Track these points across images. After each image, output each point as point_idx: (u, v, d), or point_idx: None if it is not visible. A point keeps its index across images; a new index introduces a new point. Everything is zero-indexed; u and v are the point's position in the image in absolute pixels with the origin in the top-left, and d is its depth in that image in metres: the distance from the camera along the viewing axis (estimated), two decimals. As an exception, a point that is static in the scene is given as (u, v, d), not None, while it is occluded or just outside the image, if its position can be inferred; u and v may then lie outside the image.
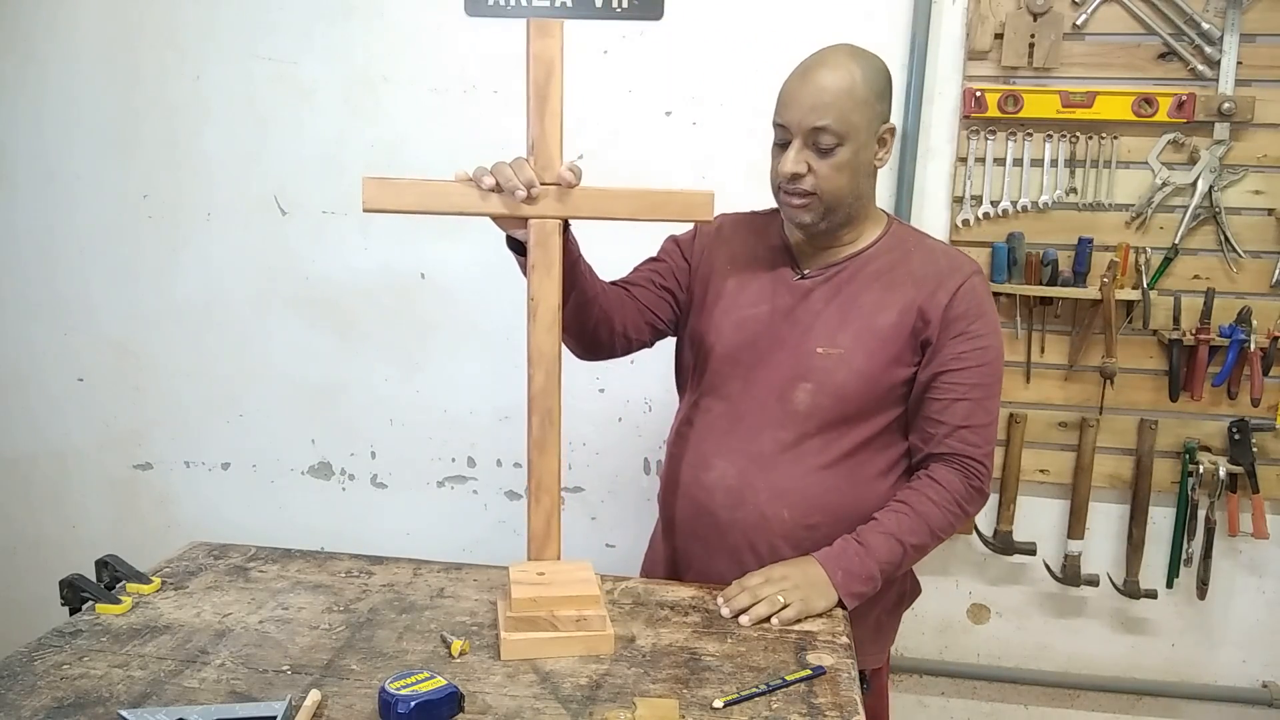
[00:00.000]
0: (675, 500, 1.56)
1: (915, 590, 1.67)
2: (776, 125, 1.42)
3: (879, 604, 1.51)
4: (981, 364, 1.43)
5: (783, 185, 1.42)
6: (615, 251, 1.61)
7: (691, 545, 1.54)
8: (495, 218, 1.32)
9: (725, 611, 1.33)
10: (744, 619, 1.31)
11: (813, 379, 1.45)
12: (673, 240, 1.65)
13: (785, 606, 1.32)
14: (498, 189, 1.27)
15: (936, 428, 1.44)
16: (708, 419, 1.53)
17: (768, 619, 1.31)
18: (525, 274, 1.32)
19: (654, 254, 1.65)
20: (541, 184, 1.28)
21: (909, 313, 1.44)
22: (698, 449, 1.53)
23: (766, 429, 1.47)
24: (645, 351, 1.64)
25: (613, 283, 1.57)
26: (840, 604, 1.36)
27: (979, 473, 1.45)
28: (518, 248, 1.36)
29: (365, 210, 1.25)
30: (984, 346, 1.44)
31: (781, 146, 1.42)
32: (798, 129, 1.38)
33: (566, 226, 1.33)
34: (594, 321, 1.47)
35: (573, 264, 1.36)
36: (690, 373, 1.61)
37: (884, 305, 1.45)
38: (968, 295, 1.44)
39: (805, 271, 1.51)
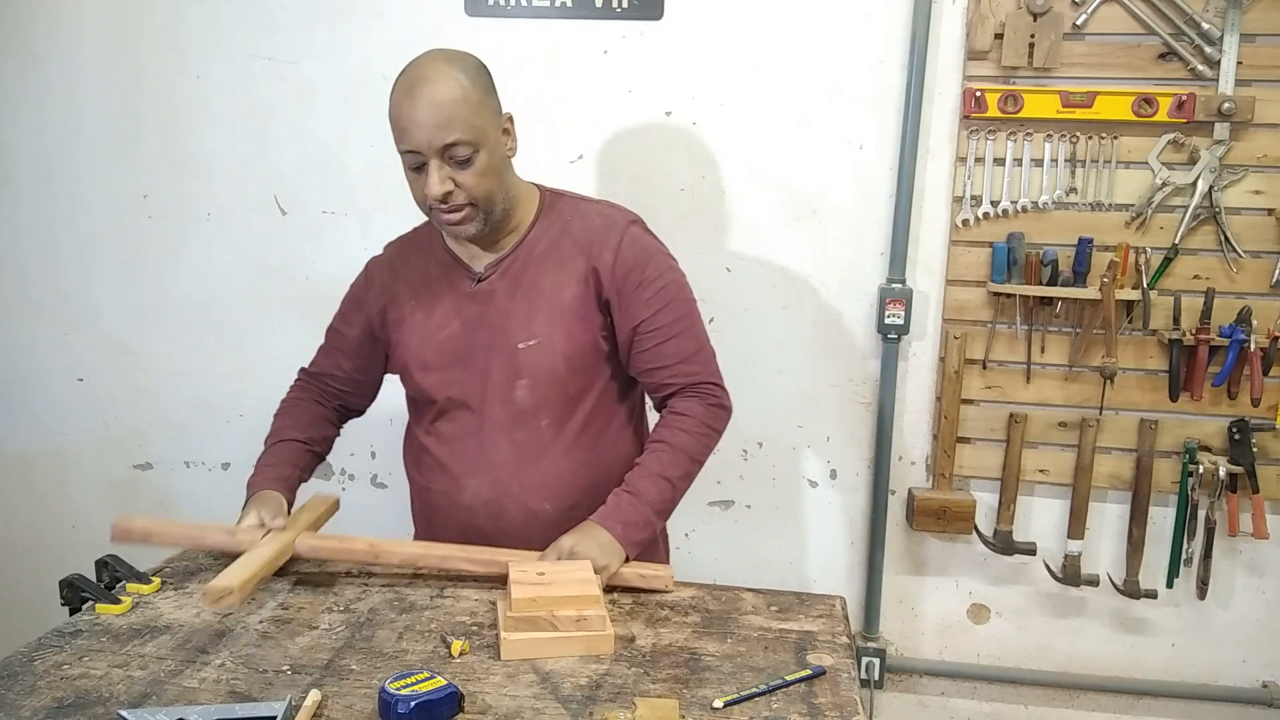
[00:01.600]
0: (436, 528, 1.57)
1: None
2: (405, 152, 1.38)
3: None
4: (668, 302, 1.50)
5: (435, 207, 1.41)
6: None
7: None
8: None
9: None
10: None
11: (525, 374, 1.48)
12: (350, 301, 1.66)
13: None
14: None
15: (657, 374, 1.51)
16: (442, 442, 1.55)
17: None
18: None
19: (336, 321, 1.69)
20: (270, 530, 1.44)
21: (585, 281, 1.48)
22: (444, 474, 1.55)
23: (502, 435, 1.50)
24: None
25: (305, 392, 1.71)
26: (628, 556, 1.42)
27: (713, 391, 1.53)
28: None
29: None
30: (662, 286, 1.50)
31: (416, 171, 1.39)
32: (429, 150, 1.35)
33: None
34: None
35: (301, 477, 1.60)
36: (411, 402, 1.63)
37: (562, 282, 1.48)
38: (630, 247, 1.49)
39: (479, 273, 1.51)
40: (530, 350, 1.47)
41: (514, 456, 1.50)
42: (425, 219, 1.53)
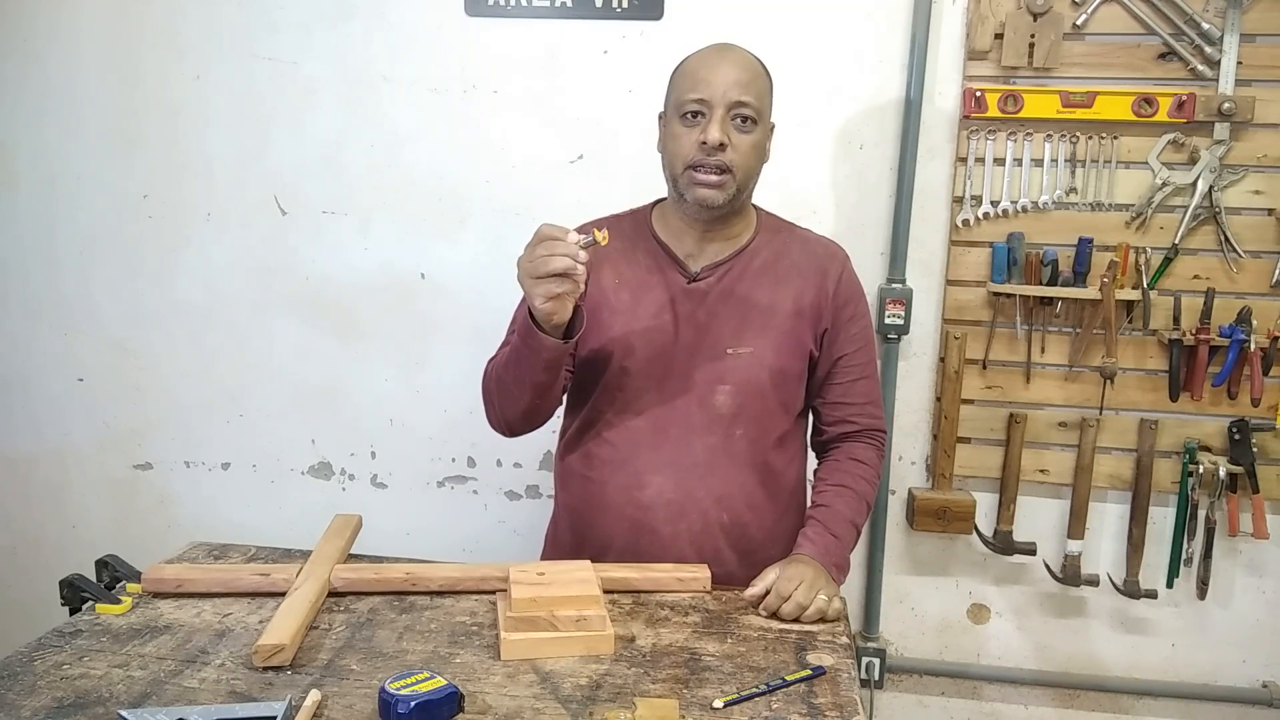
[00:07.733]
0: (605, 522, 1.51)
1: None
2: (691, 102, 1.40)
3: None
4: (867, 341, 1.57)
5: (699, 161, 1.40)
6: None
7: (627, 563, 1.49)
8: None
9: (763, 611, 1.34)
10: (804, 617, 1.32)
11: (729, 380, 1.47)
12: None
13: (829, 603, 1.34)
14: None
15: (845, 409, 1.55)
16: (627, 435, 1.49)
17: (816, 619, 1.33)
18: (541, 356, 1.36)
19: None
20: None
21: (801, 303, 1.50)
22: (626, 468, 1.49)
23: (695, 436, 1.48)
24: None
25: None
26: None
27: (884, 441, 1.60)
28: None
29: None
30: (866, 324, 1.57)
31: (691, 119, 1.41)
32: (720, 102, 1.39)
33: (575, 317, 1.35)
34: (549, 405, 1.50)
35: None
36: (590, 390, 1.54)
37: (777, 299, 1.50)
38: (850, 280, 1.55)
39: (695, 273, 1.50)
40: (739, 357, 1.47)
41: (705, 461, 1.47)
42: (609, 215, 1.58)
